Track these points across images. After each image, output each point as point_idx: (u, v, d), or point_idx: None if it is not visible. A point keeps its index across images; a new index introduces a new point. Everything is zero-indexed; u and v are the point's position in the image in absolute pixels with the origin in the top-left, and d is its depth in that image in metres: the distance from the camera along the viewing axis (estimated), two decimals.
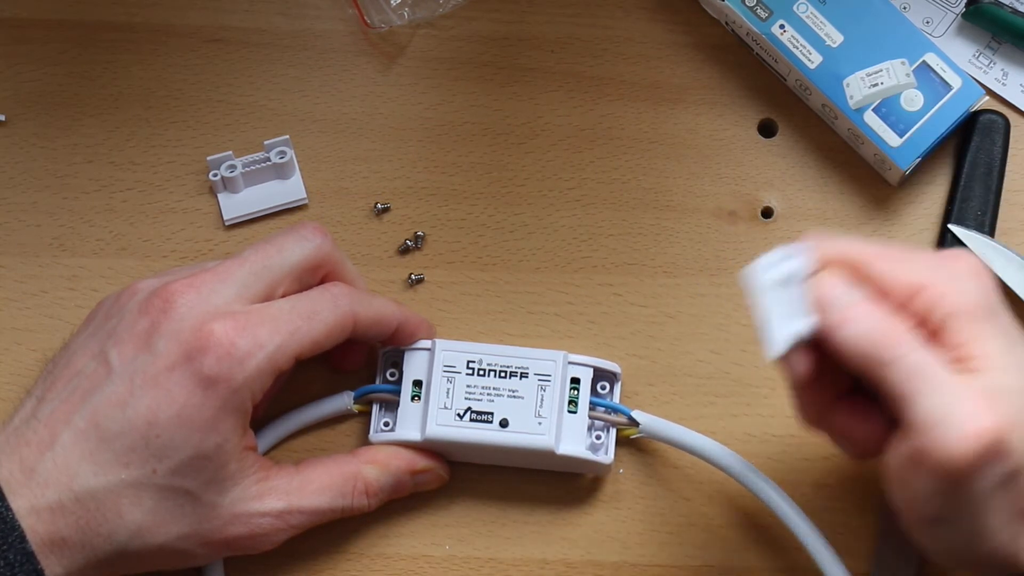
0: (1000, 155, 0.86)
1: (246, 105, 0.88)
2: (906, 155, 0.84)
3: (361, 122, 0.88)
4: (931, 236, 0.86)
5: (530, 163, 0.87)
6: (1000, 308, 0.70)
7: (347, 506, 0.80)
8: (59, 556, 0.73)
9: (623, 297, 0.86)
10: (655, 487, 0.83)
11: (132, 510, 0.74)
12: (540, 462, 0.82)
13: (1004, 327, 0.70)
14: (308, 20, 0.89)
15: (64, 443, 0.74)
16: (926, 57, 0.84)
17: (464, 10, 0.89)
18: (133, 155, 0.87)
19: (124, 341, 0.75)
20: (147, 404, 0.74)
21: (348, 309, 0.78)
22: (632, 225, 0.86)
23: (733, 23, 0.87)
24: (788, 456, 0.83)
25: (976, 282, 0.70)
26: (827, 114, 0.86)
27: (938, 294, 0.69)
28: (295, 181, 0.87)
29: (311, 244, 0.79)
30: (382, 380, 0.83)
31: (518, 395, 0.80)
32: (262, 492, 0.77)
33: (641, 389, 0.84)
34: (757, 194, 0.87)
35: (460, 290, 0.86)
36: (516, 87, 0.88)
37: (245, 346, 0.75)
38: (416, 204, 0.87)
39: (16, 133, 0.88)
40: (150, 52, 0.89)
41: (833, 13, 0.85)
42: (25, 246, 0.86)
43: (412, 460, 0.81)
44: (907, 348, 0.68)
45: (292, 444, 0.84)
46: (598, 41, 0.89)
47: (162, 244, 0.86)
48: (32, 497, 0.73)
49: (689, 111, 0.88)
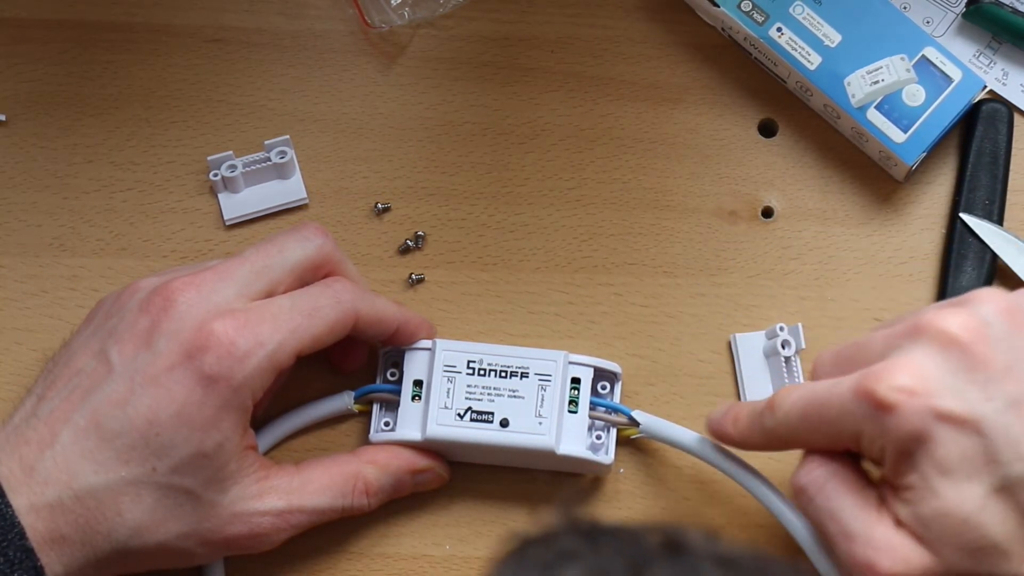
0: (1005, 144, 0.86)
1: (246, 105, 0.88)
2: (911, 150, 0.84)
3: (361, 122, 0.88)
4: (937, 230, 0.86)
5: (530, 163, 0.87)
6: (937, 415, 0.71)
7: (347, 506, 0.79)
8: (59, 554, 0.73)
9: (623, 297, 0.85)
10: (655, 487, 0.83)
11: (132, 508, 0.74)
12: (540, 462, 0.82)
13: (938, 445, 0.70)
14: (308, 20, 0.89)
15: (64, 441, 0.74)
16: (925, 51, 0.85)
17: (464, 10, 0.89)
18: (133, 155, 0.87)
19: (125, 340, 0.75)
20: (147, 403, 0.74)
21: (350, 306, 0.78)
22: (632, 225, 0.86)
23: (730, 28, 0.87)
24: (788, 456, 0.82)
25: (893, 416, 0.71)
26: (829, 114, 0.86)
27: (867, 442, 0.72)
28: (295, 181, 0.87)
29: (312, 244, 0.79)
30: (382, 380, 0.83)
31: (518, 395, 0.80)
32: (262, 491, 0.77)
33: (641, 389, 0.84)
34: (757, 194, 0.87)
35: (460, 290, 0.86)
36: (516, 87, 0.88)
37: (245, 344, 0.74)
38: (416, 204, 0.87)
39: (16, 133, 0.87)
40: (150, 52, 0.88)
41: (830, 13, 0.85)
42: (25, 246, 0.86)
43: (412, 460, 0.81)
44: (825, 495, 0.73)
45: (292, 444, 0.83)
46: (598, 41, 0.89)
47: (162, 244, 0.86)
48: (32, 495, 0.73)
49: (689, 111, 0.88)
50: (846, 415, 0.72)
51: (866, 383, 0.71)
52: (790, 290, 0.86)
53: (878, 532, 0.71)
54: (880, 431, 0.71)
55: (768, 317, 0.85)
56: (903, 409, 0.70)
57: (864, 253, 0.86)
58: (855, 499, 0.72)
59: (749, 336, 0.84)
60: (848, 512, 0.72)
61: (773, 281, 0.86)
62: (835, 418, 0.72)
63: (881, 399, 0.70)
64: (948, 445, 0.70)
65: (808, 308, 0.85)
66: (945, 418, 0.70)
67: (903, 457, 0.70)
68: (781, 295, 0.85)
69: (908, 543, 0.70)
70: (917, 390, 0.70)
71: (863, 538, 0.71)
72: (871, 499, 0.72)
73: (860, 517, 0.72)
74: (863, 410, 0.71)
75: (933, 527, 0.70)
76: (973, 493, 0.69)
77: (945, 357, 0.71)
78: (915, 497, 0.70)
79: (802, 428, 0.74)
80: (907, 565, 0.70)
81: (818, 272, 0.86)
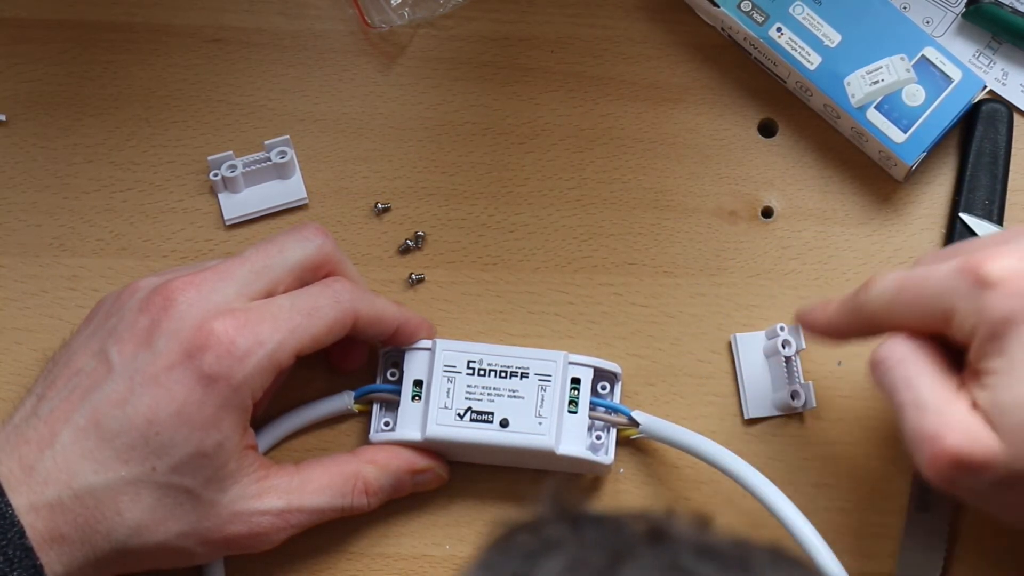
0: (1005, 144, 0.86)
1: (246, 105, 0.88)
2: (911, 150, 0.84)
3: (361, 122, 0.88)
4: (936, 230, 0.86)
5: (530, 163, 0.87)
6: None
7: (347, 506, 0.79)
8: (59, 553, 0.73)
9: (623, 297, 0.85)
10: (655, 487, 0.83)
11: (131, 508, 0.74)
12: (540, 462, 0.82)
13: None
14: (308, 20, 0.89)
15: (64, 441, 0.74)
16: (925, 51, 0.85)
17: (464, 10, 0.89)
18: (133, 155, 0.87)
19: (124, 339, 0.75)
20: (147, 402, 0.74)
21: (349, 305, 0.78)
22: (632, 225, 0.86)
23: (730, 29, 0.87)
24: (788, 456, 0.83)
25: (994, 292, 0.70)
26: (829, 114, 0.86)
27: (960, 319, 0.71)
28: (295, 181, 0.87)
29: (312, 244, 0.79)
30: (382, 380, 0.83)
31: (518, 395, 0.80)
32: (262, 491, 0.77)
33: (641, 389, 0.84)
34: (757, 194, 0.87)
35: (460, 290, 0.86)
36: (516, 87, 0.88)
37: (245, 344, 0.75)
38: (416, 204, 0.87)
39: (16, 133, 0.87)
40: (150, 52, 0.88)
41: (829, 13, 0.85)
42: (25, 246, 0.86)
43: (412, 460, 0.81)
44: (905, 367, 0.72)
45: (292, 444, 0.83)
46: (598, 41, 0.89)
47: (162, 244, 0.86)
48: (32, 494, 0.73)
49: (689, 111, 0.88)
50: (944, 291, 0.71)
51: (972, 259, 0.71)
52: (790, 290, 0.86)
53: (952, 408, 0.70)
54: (976, 308, 0.70)
55: (768, 317, 0.85)
56: (1005, 287, 0.70)
57: (864, 253, 0.86)
58: (935, 375, 0.72)
59: (749, 336, 0.84)
60: (926, 384, 0.71)
61: (773, 281, 0.86)
62: (932, 295, 0.72)
63: (985, 275, 0.70)
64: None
65: None
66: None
67: (993, 339, 0.70)
68: (781, 295, 0.85)
69: (981, 425, 0.70)
70: (1022, 273, 0.70)
71: (936, 411, 0.70)
72: (952, 380, 0.72)
73: (937, 391, 0.71)
74: (963, 286, 0.71)
75: (1010, 415, 0.69)
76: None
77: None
78: (997, 383, 0.70)
79: (896, 304, 0.73)
80: (974, 444, 0.69)
81: (818, 272, 0.86)
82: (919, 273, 0.73)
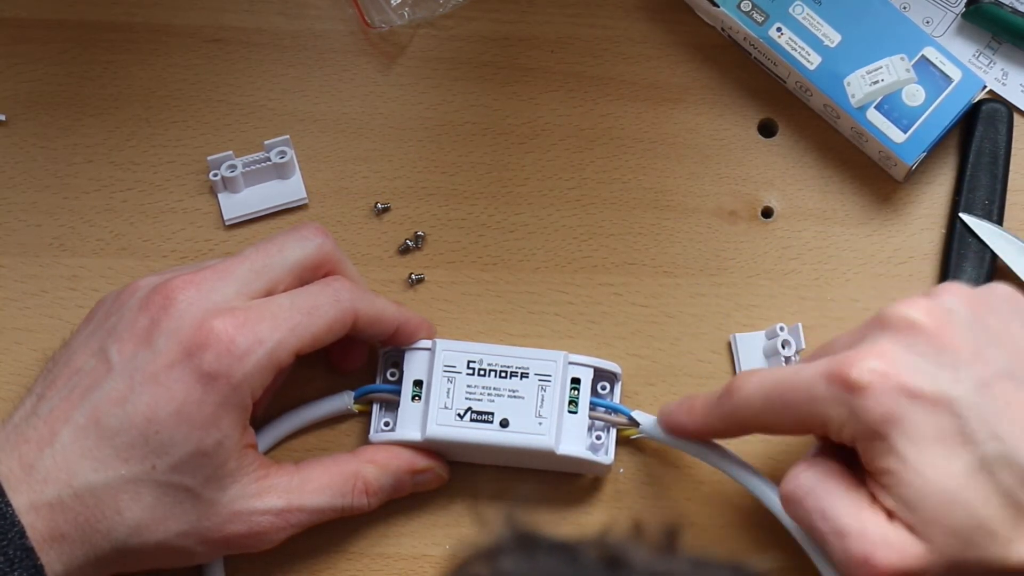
0: (1005, 144, 0.86)
1: (246, 105, 0.88)
2: (911, 150, 0.84)
3: (361, 122, 0.88)
4: (936, 230, 0.86)
5: (530, 163, 0.87)
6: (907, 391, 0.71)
7: (347, 505, 0.79)
8: (59, 552, 0.73)
9: (623, 297, 0.85)
10: (655, 487, 0.83)
11: (131, 507, 0.74)
12: (540, 462, 0.82)
13: (912, 423, 0.70)
14: (308, 20, 0.89)
15: (64, 440, 0.74)
16: (925, 51, 0.85)
17: (464, 10, 0.89)
18: (133, 155, 0.87)
19: (124, 338, 0.75)
20: (147, 401, 0.74)
21: (349, 305, 0.78)
22: (632, 225, 0.86)
23: (730, 28, 0.87)
24: (788, 456, 0.82)
25: (864, 396, 0.71)
26: (829, 114, 0.86)
27: (836, 427, 0.72)
28: (295, 181, 0.87)
29: (312, 244, 0.79)
30: (382, 380, 0.83)
31: (518, 395, 0.80)
32: (262, 490, 0.77)
33: (641, 389, 0.84)
34: (757, 194, 0.87)
35: (460, 290, 0.86)
36: (516, 87, 0.88)
37: (245, 342, 0.75)
38: (416, 204, 0.87)
39: (16, 133, 0.87)
40: (150, 52, 0.89)
41: (829, 13, 0.85)
42: (25, 246, 0.86)
43: (412, 460, 0.81)
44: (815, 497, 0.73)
45: (292, 444, 0.83)
46: (598, 41, 0.89)
47: (162, 244, 0.86)
48: (32, 493, 0.73)
49: (689, 111, 0.88)
50: (814, 400, 0.71)
51: (836, 366, 0.71)
52: (790, 290, 0.86)
53: (871, 525, 0.70)
54: (851, 415, 0.70)
55: (768, 317, 0.85)
56: (875, 389, 0.70)
57: (864, 253, 0.86)
58: (844, 496, 0.72)
59: (749, 336, 0.84)
60: (840, 510, 0.72)
61: (773, 281, 0.86)
62: (801, 402, 0.72)
63: (853, 380, 0.70)
64: (922, 423, 0.69)
65: (808, 308, 0.85)
66: (917, 396, 0.70)
67: (877, 439, 0.70)
68: (781, 295, 0.85)
69: (902, 534, 0.70)
70: (888, 372, 0.70)
71: (857, 534, 0.71)
72: (863, 496, 0.72)
73: (852, 513, 0.71)
74: (832, 393, 0.71)
75: (920, 509, 0.69)
76: (954, 469, 0.69)
77: (913, 342, 0.71)
78: (896, 481, 0.70)
79: (764, 411, 0.74)
80: (902, 556, 0.70)
81: (818, 272, 0.86)
82: (784, 380, 0.73)
